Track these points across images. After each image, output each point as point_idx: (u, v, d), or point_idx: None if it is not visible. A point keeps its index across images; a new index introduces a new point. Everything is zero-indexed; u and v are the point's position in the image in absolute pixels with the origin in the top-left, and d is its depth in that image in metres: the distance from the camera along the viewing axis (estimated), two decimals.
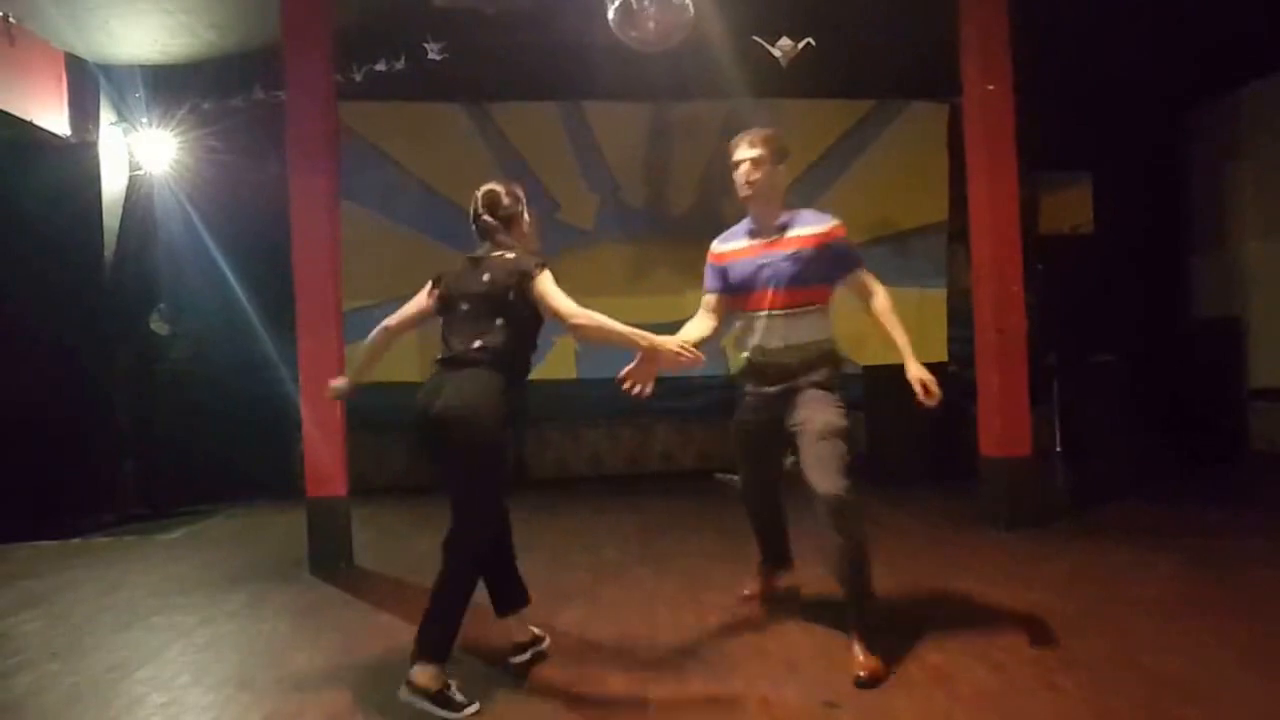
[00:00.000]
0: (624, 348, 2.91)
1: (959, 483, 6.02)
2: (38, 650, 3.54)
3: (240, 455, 7.10)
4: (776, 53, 5.18)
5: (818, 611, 3.65)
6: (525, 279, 2.89)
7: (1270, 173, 7.75)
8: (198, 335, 7.35)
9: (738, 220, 3.48)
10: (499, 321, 2.89)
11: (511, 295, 2.89)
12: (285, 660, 3.36)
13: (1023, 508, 5.18)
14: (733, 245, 3.39)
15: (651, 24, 4.46)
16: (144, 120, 6.99)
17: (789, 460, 3.37)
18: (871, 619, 3.06)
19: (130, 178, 7.11)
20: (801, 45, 5.17)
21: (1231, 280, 8.19)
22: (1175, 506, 5.66)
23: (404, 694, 2.79)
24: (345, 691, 3.01)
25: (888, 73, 7.38)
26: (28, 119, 6.13)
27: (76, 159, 6.65)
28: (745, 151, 3.27)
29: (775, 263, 3.24)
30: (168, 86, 6.88)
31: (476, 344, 2.87)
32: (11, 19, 5.83)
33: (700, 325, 3.40)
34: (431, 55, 5.82)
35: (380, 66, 5.98)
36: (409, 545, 5.47)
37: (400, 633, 3.67)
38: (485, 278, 2.93)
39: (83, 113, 6.69)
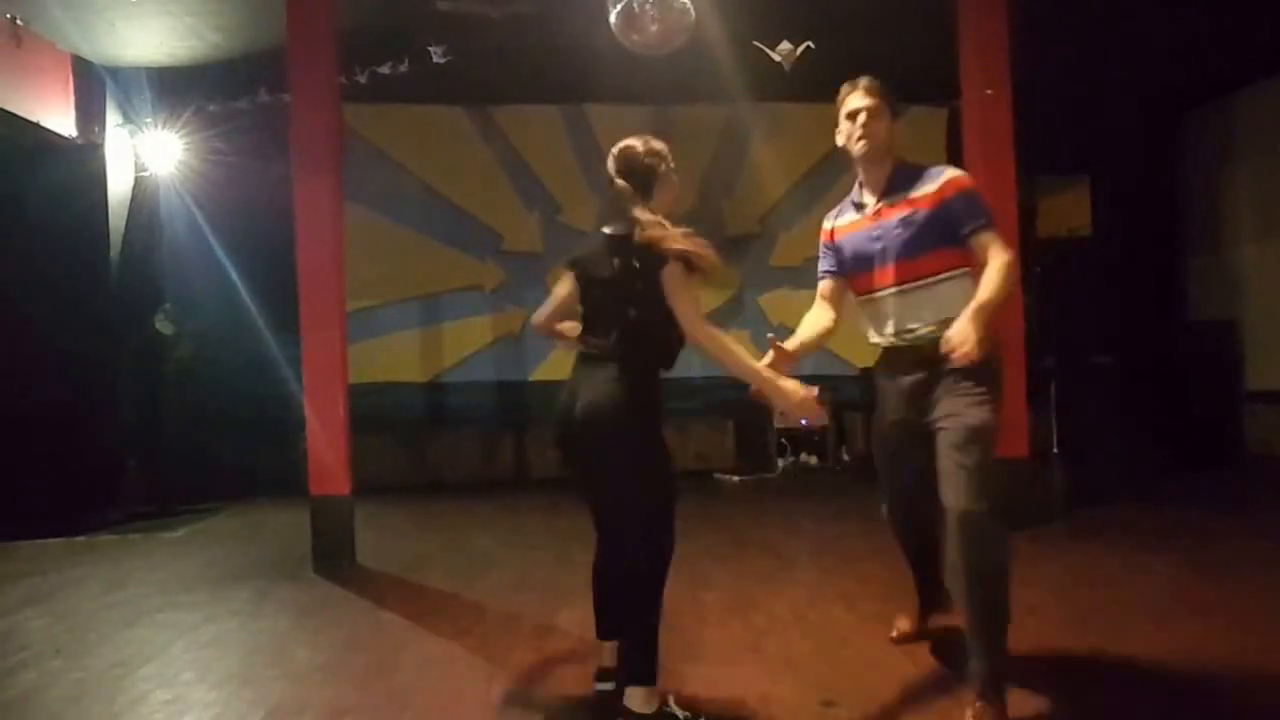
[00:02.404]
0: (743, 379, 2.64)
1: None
2: (42, 647, 3.57)
3: (244, 454, 7.14)
4: (777, 57, 5.22)
5: (815, 610, 3.69)
6: (654, 266, 2.49)
7: (1266, 176, 7.77)
8: (202, 335, 7.39)
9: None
10: (631, 312, 2.56)
11: (640, 284, 2.53)
12: (288, 657, 3.39)
13: (1020, 509, 5.20)
14: (843, 219, 2.96)
15: (653, 27, 4.49)
16: (150, 122, 7.03)
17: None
18: (999, 666, 2.50)
19: (136, 179, 7.16)
20: (801, 49, 5.20)
21: (1228, 283, 8.22)
22: (1171, 508, 5.69)
23: None
24: (348, 688, 3.04)
25: (887, 76, 7.36)
26: (34, 120, 6.17)
27: (83, 160, 6.69)
28: (860, 100, 2.81)
29: (888, 231, 2.77)
30: (173, 88, 6.92)
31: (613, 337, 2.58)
32: (18, 21, 5.87)
33: (818, 319, 2.98)
34: (435, 58, 5.86)
35: (384, 69, 6.03)
36: (411, 544, 5.51)
37: (402, 631, 3.72)
38: (615, 262, 2.57)
39: (89, 114, 6.74)
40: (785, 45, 5.24)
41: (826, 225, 3.02)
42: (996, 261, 2.62)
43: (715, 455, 7.98)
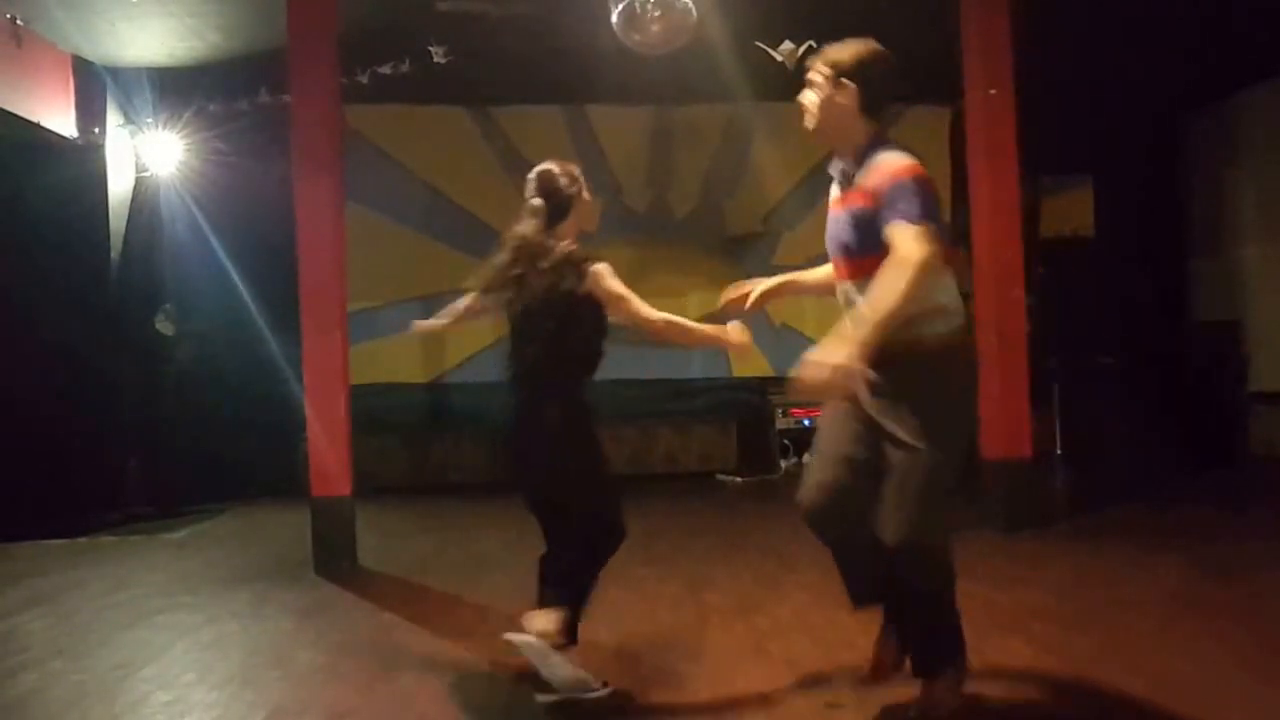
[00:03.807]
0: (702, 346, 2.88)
1: (959, 484, 6.02)
2: (43, 648, 3.57)
3: (245, 455, 7.13)
4: (779, 57, 5.21)
5: (818, 612, 3.68)
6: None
7: (1270, 177, 7.76)
8: (203, 336, 7.39)
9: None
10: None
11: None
12: (289, 658, 3.39)
13: (1023, 510, 5.20)
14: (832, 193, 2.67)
15: (655, 28, 4.50)
16: (150, 122, 7.02)
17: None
18: (948, 646, 2.52)
19: (136, 179, 7.15)
20: (803, 49, 5.19)
21: (1231, 284, 8.20)
22: (1175, 509, 5.68)
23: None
24: (349, 690, 3.03)
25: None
26: (35, 120, 6.17)
27: (83, 160, 6.69)
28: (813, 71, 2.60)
29: (841, 221, 2.52)
30: (174, 89, 6.91)
31: None
32: (19, 21, 5.86)
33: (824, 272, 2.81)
34: (436, 58, 5.85)
35: (385, 69, 6.02)
36: (413, 546, 5.50)
37: (404, 633, 3.71)
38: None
39: (90, 114, 6.73)
40: (787, 45, 5.23)
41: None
42: (891, 258, 2.23)
43: (718, 456, 7.96)
